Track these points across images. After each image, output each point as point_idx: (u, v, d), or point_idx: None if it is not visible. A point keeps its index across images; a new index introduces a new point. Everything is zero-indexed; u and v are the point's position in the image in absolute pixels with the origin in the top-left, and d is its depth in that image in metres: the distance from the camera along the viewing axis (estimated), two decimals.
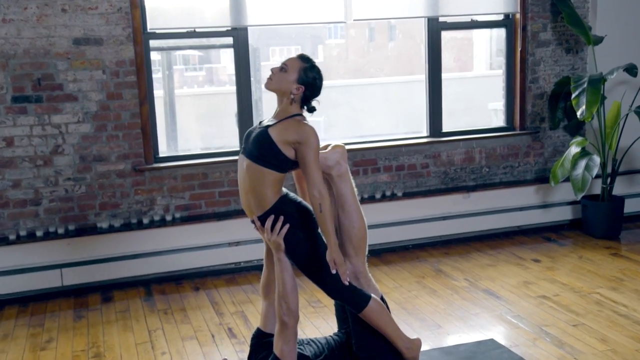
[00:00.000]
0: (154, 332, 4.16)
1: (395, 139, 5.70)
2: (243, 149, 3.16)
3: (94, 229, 4.91)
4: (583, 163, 5.28)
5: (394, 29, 7.60)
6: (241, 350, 3.86)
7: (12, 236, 4.75)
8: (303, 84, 3.10)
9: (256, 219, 3.13)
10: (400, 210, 5.50)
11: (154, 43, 5.06)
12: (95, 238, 4.87)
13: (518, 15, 5.71)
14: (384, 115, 6.96)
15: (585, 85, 5.18)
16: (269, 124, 3.09)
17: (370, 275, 3.36)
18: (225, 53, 6.93)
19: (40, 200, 4.81)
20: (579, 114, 5.16)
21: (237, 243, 5.11)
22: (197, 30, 5.07)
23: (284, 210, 3.09)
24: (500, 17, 5.80)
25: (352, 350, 3.35)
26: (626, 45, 5.79)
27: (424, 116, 5.77)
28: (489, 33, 6.83)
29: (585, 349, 3.65)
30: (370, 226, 3.52)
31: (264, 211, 3.09)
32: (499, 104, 6.14)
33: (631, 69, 5.27)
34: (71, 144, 4.82)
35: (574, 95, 5.22)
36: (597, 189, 5.72)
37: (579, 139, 5.44)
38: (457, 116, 6.10)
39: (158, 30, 4.99)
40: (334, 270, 3.06)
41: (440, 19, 5.59)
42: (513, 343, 3.77)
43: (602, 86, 5.24)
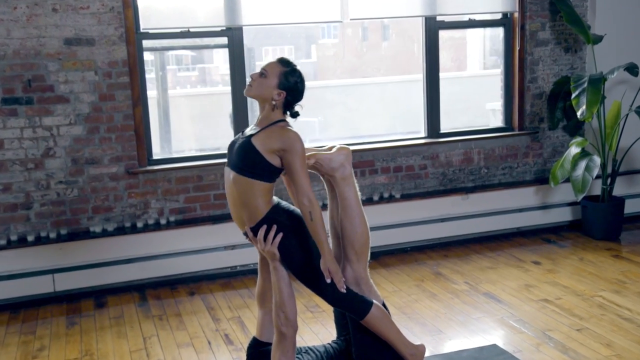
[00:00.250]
0: (149, 339, 4.07)
1: (393, 139, 5.63)
2: (228, 161, 3.07)
3: (86, 233, 4.82)
4: (583, 164, 5.21)
5: (387, 29, 7.54)
6: (238, 358, 3.77)
7: (3, 241, 4.65)
8: (284, 89, 3.00)
9: (249, 230, 3.04)
10: (398, 212, 5.42)
11: (147, 43, 4.96)
12: (88, 242, 4.77)
13: (516, 14, 5.64)
14: (379, 115, 6.87)
15: (585, 85, 5.11)
16: (251, 133, 2.99)
17: (372, 281, 3.27)
18: (218, 53, 6.84)
19: (31, 204, 4.71)
20: (579, 114, 5.09)
21: (233, 247, 5.02)
22: (191, 30, 4.98)
23: (277, 219, 3.01)
24: (499, 16, 5.73)
25: (352, 358, 3.27)
26: (625, 44, 5.73)
27: (419, 116, 5.70)
28: (482, 32, 6.77)
29: (590, 355, 3.58)
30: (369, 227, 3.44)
31: (256, 222, 3.01)
32: (497, 104, 6.07)
33: (632, 68, 5.20)
34: (63, 146, 4.72)
35: (574, 95, 5.15)
36: (597, 189, 5.65)
37: (578, 139, 5.37)
38: (453, 116, 6.02)
39: (151, 30, 4.90)
40: (329, 279, 2.98)
41: (438, 18, 5.52)
42: (516, 348, 3.69)
43: (602, 86, 5.17)
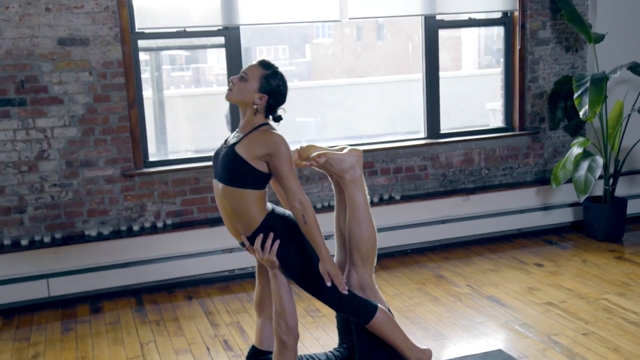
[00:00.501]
0: (146, 346, 3.98)
1: (393, 140, 5.56)
2: (214, 172, 2.98)
3: (81, 237, 4.72)
4: (585, 164, 5.14)
5: (382, 28, 7.48)
6: None
7: None
8: (266, 92, 2.91)
9: (245, 240, 2.96)
10: (398, 214, 5.34)
11: (142, 43, 4.87)
12: (83, 246, 4.67)
13: (517, 13, 5.57)
14: (376, 115, 6.82)
15: (587, 84, 5.05)
16: (234, 142, 2.91)
17: (378, 287, 3.20)
18: (211, 53, 6.77)
19: (25, 208, 4.62)
20: (581, 114, 5.02)
21: (231, 250, 4.93)
22: (188, 29, 4.89)
23: (273, 227, 2.93)
24: (499, 15, 5.66)
25: None
26: (627, 43, 5.66)
27: (418, 116, 5.63)
28: (477, 31, 6.71)
29: None
30: None
31: (252, 231, 2.94)
32: (497, 104, 6.00)
33: (635, 68, 5.14)
34: (57, 148, 4.62)
35: (576, 95, 5.08)
36: (599, 190, 5.59)
37: (580, 139, 5.31)
38: (453, 116, 5.95)
39: (147, 30, 4.81)
40: (329, 282, 2.90)
41: (438, 17, 5.44)
42: (522, 354, 3.62)
43: (605, 85, 5.10)
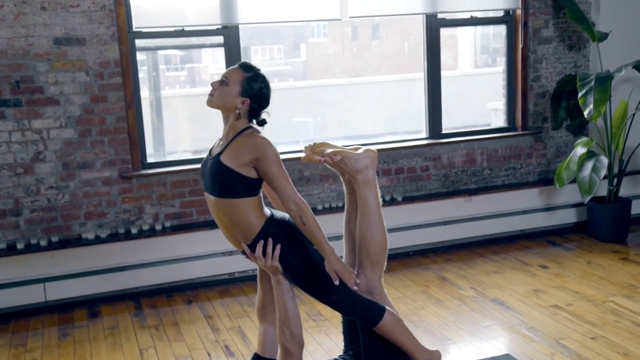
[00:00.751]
0: (146, 351, 3.90)
1: (394, 140, 5.48)
2: (204, 185, 2.90)
3: (78, 240, 4.64)
4: (590, 164, 5.08)
5: (377, 27, 7.42)
6: None
7: None
8: (248, 96, 2.82)
9: (246, 248, 2.88)
10: (400, 216, 5.27)
11: (139, 42, 4.79)
12: (80, 250, 4.59)
13: (519, 11, 5.50)
14: (374, 115, 6.76)
15: (592, 83, 4.98)
16: (219, 151, 2.82)
17: (387, 291, 3.12)
18: (206, 52, 6.70)
19: (20, 211, 4.53)
20: (586, 113, 4.95)
21: (231, 252, 4.85)
22: (186, 29, 4.81)
23: (274, 232, 2.85)
24: (501, 14, 5.59)
25: None
26: (631, 42, 5.59)
27: (416, 115, 5.57)
28: (473, 30, 6.64)
29: None
30: None
31: (253, 238, 2.86)
32: (498, 104, 5.93)
33: None
34: (53, 150, 4.53)
35: (580, 94, 5.02)
36: (603, 190, 5.52)
37: (584, 139, 5.24)
38: (451, 115, 5.87)
39: (144, 29, 4.73)
40: (337, 281, 2.82)
41: (439, 16, 5.37)
42: (530, 359, 3.55)
43: (609, 84, 5.04)
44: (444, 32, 5.49)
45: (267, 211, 2.91)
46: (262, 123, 2.91)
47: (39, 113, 4.48)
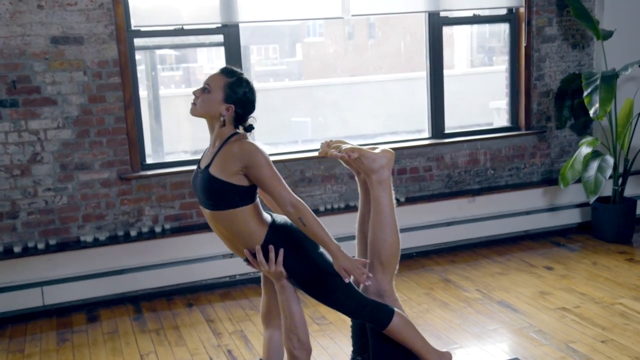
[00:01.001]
0: (147, 357, 3.81)
1: (397, 140, 5.41)
2: (198, 199, 2.81)
3: (77, 243, 4.55)
4: (595, 164, 5.02)
5: (373, 27, 7.36)
6: None
7: None
8: (232, 102, 2.70)
9: (248, 254, 2.80)
10: (403, 216, 5.05)
11: (138, 42, 4.70)
12: (79, 253, 4.50)
13: (522, 9, 5.44)
14: (373, 114, 6.70)
15: (597, 82, 4.92)
16: (207, 164, 2.72)
17: (397, 295, 3.05)
18: (201, 52, 6.63)
19: (17, 213, 4.44)
20: (591, 112, 4.89)
21: (232, 255, 4.76)
22: (185, 27, 4.73)
23: (279, 240, 2.77)
24: (504, 12, 5.52)
25: None
26: (635, 40, 5.53)
27: (416, 115, 5.52)
28: (470, 29, 6.58)
29: None
30: None
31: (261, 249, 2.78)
32: (501, 103, 5.87)
33: None
34: (51, 151, 4.45)
35: (586, 93, 4.95)
36: (608, 190, 5.45)
37: (589, 138, 5.17)
38: (452, 115, 5.80)
39: (143, 28, 4.64)
40: (347, 278, 2.72)
41: (442, 14, 5.30)
42: None
43: (615, 83, 4.97)
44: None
45: (268, 217, 2.83)
46: (249, 129, 2.80)
47: (36, 113, 4.40)
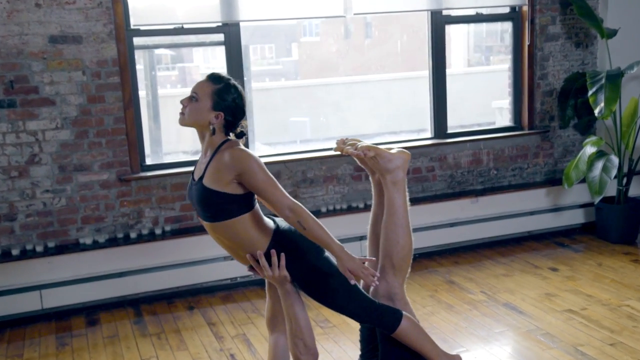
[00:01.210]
0: None
1: (399, 140, 5.35)
2: (196, 211, 2.75)
3: (76, 246, 4.49)
4: (600, 164, 4.97)
5: (369, 26, 7.32)
6: None
7: None
8: (221, 109, 2.63)
9: (252, 260, 2.74)
10: None
11: (138, 41, 4.63)
12: (78, 255, 4.44)
13: (525, 8, 5.38)
14: (371, 114, 6.65)
15: (603, 81, 4.87)
16: (201, 175, 2.65)
17: (408, 298, 2.99)
18: (197, 52, 6.57)
19: (15, 215, 4.37)
20: (597, 111, 4.84)
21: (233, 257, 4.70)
22: (185, 26, 4.66)
23: (282, 244, 2.71)
24: (507, 10, 5.47)
25: None
26: (639, 39, 5.48)
27: (416, 115, 5.47)
28: (466, 28, 6.53)
29: None
30: None
31: (262, 254, 2.72)
32: (504, 102, 5.82)
33: None
34: (49, 152, 4.38)
35: (591, 92, 4.90)
36: (612, 190, 5.40)
37: (593, 138, 5.13)
38: (453, 115, 5.75)
39: (142, 27, 4.58)
40: (353, 281, 2.66)
41: (444, 12, 5.25)
42: None
43: (620, 82, 4.92)
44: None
45: (270, 222, 2.77)
46: (241, 135, 2.73)
47: (34, 114, 4.33)
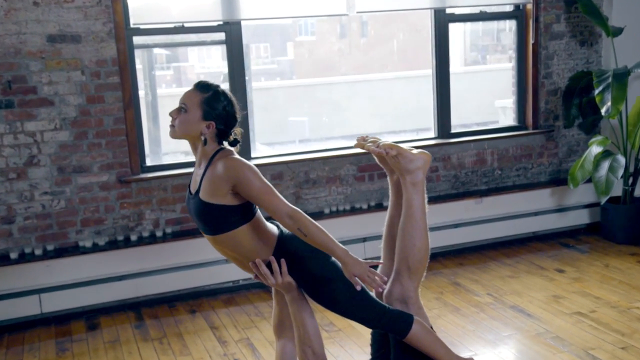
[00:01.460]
0: None
1: (403, 140, 5.29)
2: (196, 223, 2.70)
3: (75, 248, 4.41)
4: (606, 164, 4.91)
5: (365, 25, 7.27)
6: None
7: None
8: (212, 118, 2.56)
9: (255, 267, 2.67)
10: None
11: (137, 40, 4.56)
12: (77, 258, 4.36)
13: (530, 6, 5.31)
14: (371, 113, 6.61)
15: (609, 80, 4.80)
16: (197, 188, 2.59)
17: (422, 302, 2.92)
18: (192, 51, 6.51)
19: (13, 218, 4.29)
20: (603, 111, 4.78)
21: None
22: (186, 25, 4.59)
23: (287, 251, 2.65)
24: (511, 8, 5.40)
25: None
26: None
27: (417, 114, 5.42)
28: (463, 27, 6.48)
29: None
30: (378, 236, 3.15)
31: (267, 261, 2.66)
32: (508, 101, 5.76)
33: None
34: (48, 154, 4.30)
35: (597, 91, 4.84)
36: (618, 190, 5.34)
37: (599, 138, 5.07)
38: (454, 114, 5.68)
39: (142, 26, 4.50)
40: (359, 286, 2.58)
41: (448, 11, 5.18)
42: None
43: (627, 81, 4.86)
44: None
45: (274, 228, 2.70)
46: (235, 143, 2.66)
47: (32, 115, 4.25)
